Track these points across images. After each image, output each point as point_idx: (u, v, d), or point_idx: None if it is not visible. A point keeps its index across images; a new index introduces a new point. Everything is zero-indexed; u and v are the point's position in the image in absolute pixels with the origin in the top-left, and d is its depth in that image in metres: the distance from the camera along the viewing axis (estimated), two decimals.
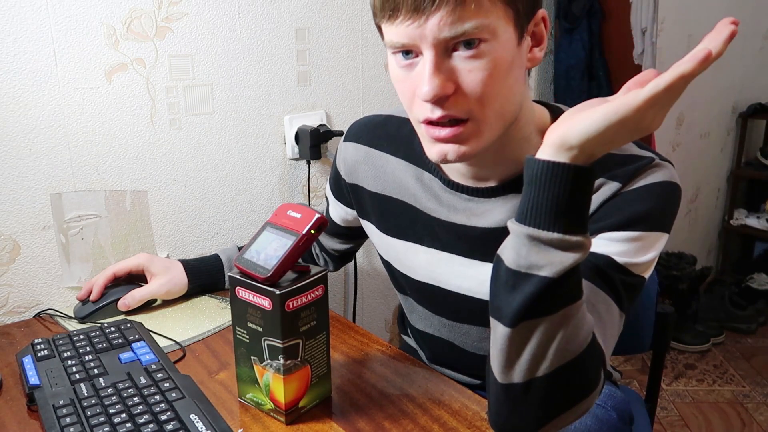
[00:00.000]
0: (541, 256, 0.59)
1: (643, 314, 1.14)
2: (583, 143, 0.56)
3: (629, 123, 0.54)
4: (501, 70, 0.68)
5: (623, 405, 0.84)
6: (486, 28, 0.65)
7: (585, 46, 1.92)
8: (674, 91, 0.52)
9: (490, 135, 0.72)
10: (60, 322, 1.06)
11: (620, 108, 0.54)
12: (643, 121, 0.55)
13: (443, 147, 0.72)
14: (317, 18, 1.34)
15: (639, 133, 0.56)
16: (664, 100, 0.53)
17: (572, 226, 0.58)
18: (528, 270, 0.59)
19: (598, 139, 0.56)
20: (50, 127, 1.07)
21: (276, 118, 1.33)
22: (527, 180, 0.60)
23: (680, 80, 0.51)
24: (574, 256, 0.59)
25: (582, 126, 0.56)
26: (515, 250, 0.60)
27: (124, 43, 1.11)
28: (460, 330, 0.92)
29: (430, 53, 0.66)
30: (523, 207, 0.60)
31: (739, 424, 2.00)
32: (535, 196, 0.59)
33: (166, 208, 1.23)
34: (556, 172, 0.57)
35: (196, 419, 0.73)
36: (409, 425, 0.77)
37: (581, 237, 0.59)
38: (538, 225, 0.59)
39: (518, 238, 0.60)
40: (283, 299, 0.72)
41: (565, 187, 0.57)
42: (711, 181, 2.85)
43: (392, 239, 0.92)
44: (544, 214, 0.58)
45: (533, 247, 0.59)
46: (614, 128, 0.55)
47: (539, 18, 0.72)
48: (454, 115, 0.69)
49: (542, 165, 0.58)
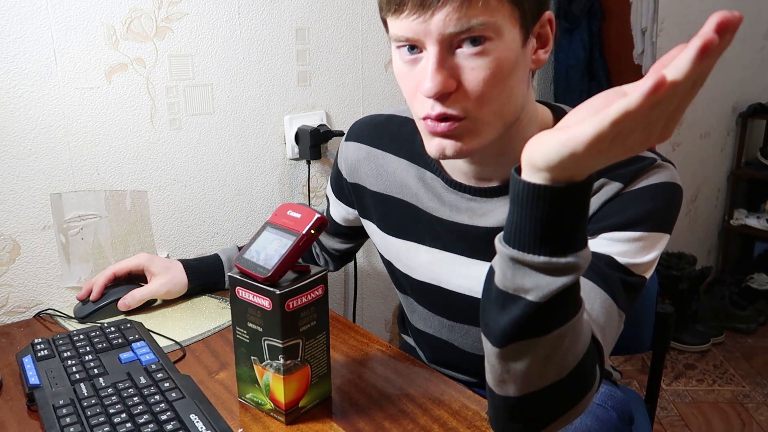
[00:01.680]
0: (526, 280, 0.55)
1: (643, 314, 1.14)
2: (549, 168, 0.51)
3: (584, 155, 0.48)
4: (504, 70, 0.68)
5: (623, 405, 0.84)
6: (491, 26, 0.65)
7: (585, 46, 1.92)
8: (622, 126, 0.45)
9: (489, 134, 0.72)
10: (60, 322, 1.06)
11: (569, 141, 0.48)
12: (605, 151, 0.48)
13: (441, 142, 0.71)
14: (317, 18, 1.34)
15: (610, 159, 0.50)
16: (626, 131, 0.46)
17: (559, 247, 0.54)
18: (515, 292, 0.56)
19: (561, 167, 0.50)
20: (50, 127, 1.07)
21: (276, 118, 1.33)
22: (510, 197, 0.55)
23: (625, 117, 0.44)
24: (563, 280, 0.54)
25: (543, 150, 0.50)
26: (501, 271, 0.57)
27: (124, 43, 1.11)
28: (460, 330, 0.92)
29: (434, 49, 0.66)
30: (507, 226, 0.56)
31: (739, 424, 2.00)
32: (517, 217, 0.54)
33: (166, 208, 1.23)
34: (534, 194, 0.52)
35: (196, 419, 0.73)
36: (409, 425, 0.77)
37: (572, 258, 0.54)
38: (522, 248, 0.54)
39: (503, 259, 0.57)
40: (283, 299, 0.71)
41: (545, 209, 0.52)
42: (711, 181, 2.85)
43: (393, 239, 0.92)
44: (528, 237, 0.54)
45: (518, 270, 0.55)
46: (569, 159, 0.49)
47: (545, 19, 0.72)
48: (451, 113, 0.69)
49: (521, 185, 0.53)
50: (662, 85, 0.42)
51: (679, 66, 0.42)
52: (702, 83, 0.45)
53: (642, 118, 0.44)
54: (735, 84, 2.77)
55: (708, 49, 0.40)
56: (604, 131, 0.45)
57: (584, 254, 0.55)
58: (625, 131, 0.46)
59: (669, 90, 0.42)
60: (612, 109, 0.44)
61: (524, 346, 0.58)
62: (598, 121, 0.45)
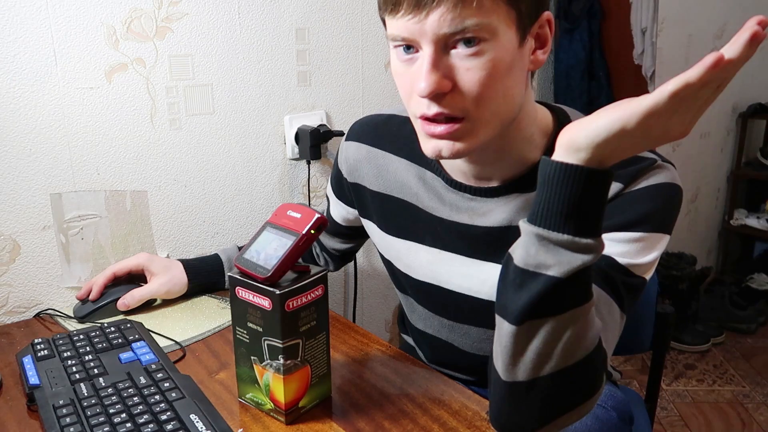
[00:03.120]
0: (549, 256, 0.59)
1: (643, 314, 1.14)
2: (591, 147, 0.56)
3: (633, 131, 0.53)
4: (499, 70, 0.68)
5: (623, 405, 0.84)
6: (486, 27, 0.65)
7: (585, 46, 1.92)
8: (684, 100, 0.50)
9: (486, 134, 0.72)
10: (60, 322, 1.06)
11: (622, 115, 0.53)
12: (650, 129, 0.53)
13: (438, 143, 0.72)
14: (317, 18, 1.34)
15: (651, 141, 0.55)
16: (674, 108, 0.51)
17: (583, 228, 0.58)
18: (536, 269, 0.59)
19: (605, 145, 0.55)
20: (50, 127, 1.07)
21: (276, 118, 1.33)
22: (540, 180, 0.60)
23: (685, 88, 0.49)
24: (584, 258, 0.58)
25: (588, 129, 0.56)
26: (525, 249, 0.60)
27: (124, 43, 1.11)
28: (460, 330, 0.92)
29: (429, 49, 0.66)
30: (534, 207, 0.60)
31: (739, 424, 2.00)
32: (546, 198, 0.59)
33: (166, 208, 1.23)
34: (567, 174, 0.57)
35: (196, 419, 0.73)
36: (409, 425, 0.77)
37: (592, 240, 0.58)
38: (549, 226, 0.58)
39: (528, 237, 0.60)
40: (283, 299, 0.71)
41: (575, 189, 0.57)
42: (711, 181, 2.85)
43: (393, 238, 0.92)
44: (555, 215, 0.58)
45: (542, 246, 0.59)
46: (617, 135, 0.54)
47: (544, 20, 0.72)
48: (449, 113, 0.69)
49: (554, 166, 0.58)
50: (721, 61, 0.48)
51: (734, 48, 0.48)
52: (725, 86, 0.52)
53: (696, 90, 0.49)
54: (735, 84, 2.77)
55: (757, 36, 0.48)
56: (661, 103, 0.50)
57: (601, 241, 0.60)
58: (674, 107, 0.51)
59: (726, 66, 0.48)
60: (671, 83, 0.49)
61: (539, 324, 0.60)
62: (658, 93, 0.50)
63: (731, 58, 0.48)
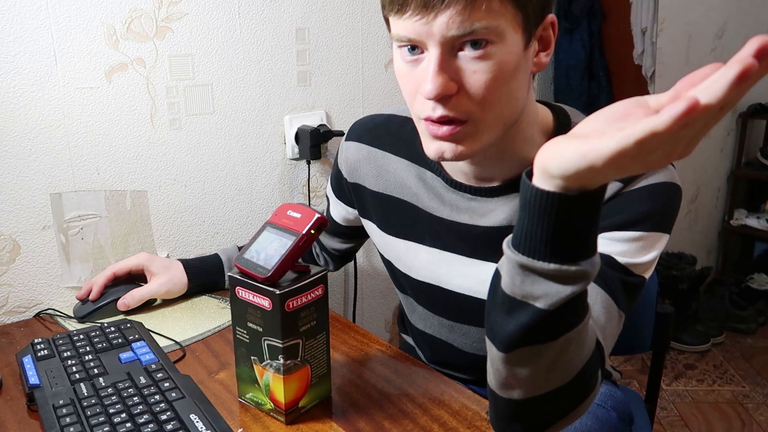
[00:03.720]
0: (536, 287, 0.54)
1: (643, 314, 1.14)
2: (564, 177, 0.49)
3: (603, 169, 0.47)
4: (505, 73, 0.68)
5: (623, 405, 0.84)
6: (494, 30, 0.65)
7: (585, 46, 1.92)
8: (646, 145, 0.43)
9: (489, 137, 0.72)
10: (60, 321, 1.06)
11: (589, 153, 0.47)
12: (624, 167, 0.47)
13: (441, 145, 0.71)
14: (317, 18, 1.34)
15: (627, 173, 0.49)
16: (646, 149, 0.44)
17: (570, 254, 0.53)
18: (522, 299, 0.55)
19: (579, 177, 0.49)
20: (50, 127, 1.07)
21: (276, 118, 1.33)
22: (521, 203, 0.54)
23: (651, 138, 0.42)
24: (573, 288, 0.54)
25: (559, 159, 0.49)
26: (510, 277, 0.56)
27: (124, 43, 1.11)
28: (460, 330, 0.92)
29: (436, 51, 0.66)
30: (517, 232, 0.55)
31: (739, 424, 2.00)
32: (528, 223, 0.53)
33: (166, 208, 1.23)
34: (547, 201, 0.51)
35: (196, 419, 0.73)
36: (409, 425, 0.77)
37: (582, 266, 0.53)
38: (533, 255, 0.53)
39: (512, 265, 0.55)
40: (283, 299, 0.72)
41: (557, 217, 0.51)
42: (711, 181, 2.85)
43: (393, 238, 0.92)
44: (538, 244, 0.53)
45: (527, 277, 0.54)
46: (585, 171, 0.47)
47: (548, 22, 0.71)
48: (454, 116, 0.68)
49: (533, 191, 0.52)
50: (695, 108, 0.40)
51: (714, 90, 0.40)
52: (732, 106, 0.43)
53: (667, 138, 0.42)
54: None
55: (747, 74, 0.39)
56: (627, 148, 0.44)
57: (594, 261, 0.55)
58: (648, 149, 0.44)
59: (701, 113, 0.40)
60: (638, 128, 0.43)
61: (530, 352, 0.58)
62: (622, 138, 0.44)
63: (709, 103, 0.40)
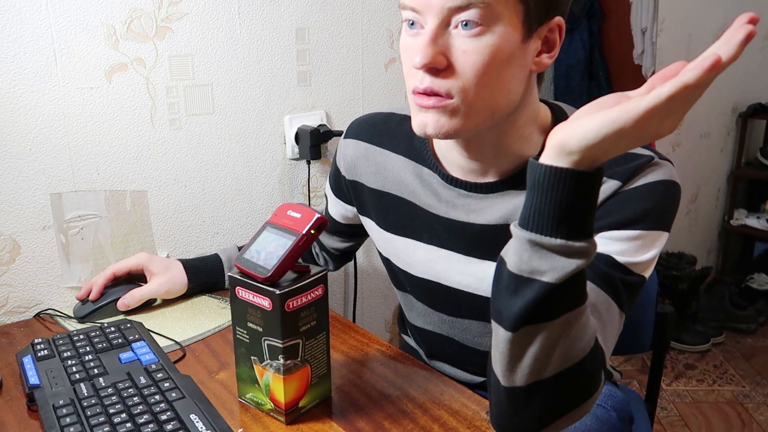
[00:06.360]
0: (543, 262, 0.58)
1: (643, 314, 1.14)
2: (583, 149, 0.54)
3: (630, 132, 0.52)
4: (497, 60, 0.69)
5: (623, 405, 0.84)
6: (491, 12, 0.66)
7: (585, 46, 1.92)
8: (679, 100, 0.50)
9: (474, 121, 0.72)
10: (60, 322, 1.06)
11: (619, 117, 0.52)
12: (646, 129, 0.52)
13: (425, 117, 0.72)
14: (317, 18, 1.34)
15: (644, 140, 0.55)
16: (669, 108, 0.50)
17: (576, 231, 0.57)
18: (530, 275, 0.58)
19: (598, 146, 0.54)
20: (50, 127, 1.07)
21: (276, 118, 1.33)
22: (530, 184, 0.58)
23: (683, 90, 0.49)
24: (577, 262, 0.57)
25: (581, 132, 0.54)
26: (517, 255, 0.59)
27: (124, 43, 1.11)
28: (461, 326, 0.92)
29: (432, 23, 0.68)
30: (525, 212, 0.59)
31: (739, 424, 2.00)
32: (537, 202, 0.57)
33: (166, 208, 1.23)
34: (558, 177, 0.55)
35: (196, 419, 0.73)
36: (409, 425, 0.77)
37: (585, 242, 0.57)
38: (541, 231, 0.57)
39: (520, 242, 0.59)
40: (283, 299, 0.72)
41: (567, 193, 0.56)
42: (711, 181, 2.85)
43: (392, 236, 0.92)
44: (547, 220, 0.57)
45: (535, 252, 0.58)
46: (613, 136, 0.53)
47: (554, 24, 0.72)
48: (439, 91, 0.70)
49: (544, 170, 0.56)
50: (719, 62, 0.47)
51: (729, 46, 0.48)
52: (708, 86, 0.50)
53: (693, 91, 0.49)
54: (735, 84, 2.77)
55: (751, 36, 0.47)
56: (660, 104, 0.50)
57: (593, 242, 0.59)
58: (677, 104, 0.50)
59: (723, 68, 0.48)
60: (668, 85, 0.49)
61: (535, 330, 0.59)
62: (655, 96, 0.50)
63: (728, 58, 0.48)
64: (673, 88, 0.49)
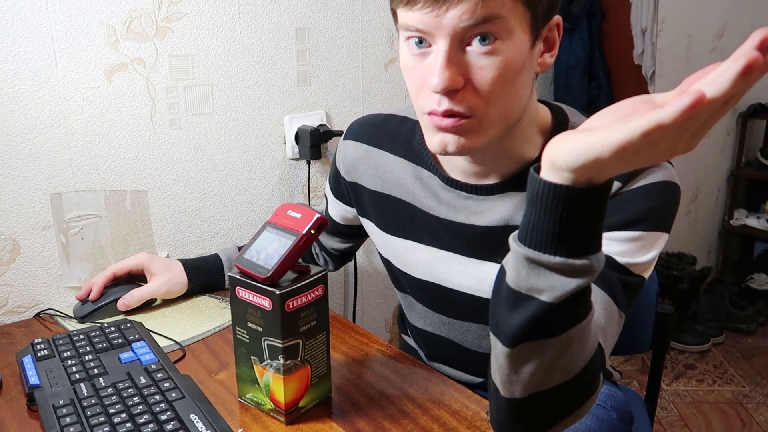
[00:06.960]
0: (541, 280, 0.55)
1: (643, 314, 1.14)
2: (571, 169, 0.50)
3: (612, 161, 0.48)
4: (512, 71, 0.68)
5: (623, 405, 0.84)
6: (504, 26, 0.65)
7: (585, 46, 1.92)
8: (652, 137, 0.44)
9: (492, 133, 0.72)
10: (60, 322, 1.06)
11: (595, 145, 0.47)
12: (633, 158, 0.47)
13: (444, 137, 0.71)
14: (317, 18, 1.34)
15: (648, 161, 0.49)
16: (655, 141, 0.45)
17: (577, 249, 0.54)
18: (528, 292, 0.56)
19: (585, 169, 0.50)
20: (50, 127, 1.07)
21: (276, 118, 1.33)
22: (528, 197, 0.55)
23: (657, 129, 0.43)
24: (578, 282, 0.54)
25: (566, 152, 0.50)
26: (515, 270, 0.56)
27: (124, 43, 1.11)
28: (461, 327, 0.92)
29: (445, 44, 0.66)
30: (523, 226, 0.56)
31: (739, 424, 2.00)
32: (535, 217, 0.54)
33: (166, 208, 1.23)
34: (555, 194, 0.52)
35: (196, 419, 0.73)
36: (409, 425, 0.77)
37: (587, 260, 0.54)
38: (539, 248, 0.54)
39: (518, 258, 0.56)
40: (283, 299, 0.72)
41: (564, 210, 0.52)
42: (711, 181, 2.85)
43: (392, 237, 0.92)
44: (545, 237, 0.53)
45: (533, 270, 0.55)
46: (595, 163, 0.48)
47: (554, 23, 0.72)
48: (459, 110, 0.69)
49: (542, 185, 0.53)
50: (701, 102, 0.41)
51: (719, 83, 0.41)
52: (738, 100, 0.44)
53: (673, 130, 0.44)
54: None
55: (752, 67, 0.40)
56: (634, 140, 0.45)
57: (599, 257, 0.55)
58: (653, 142, 0.45)
59: (706, 107, 0.42)
60: (644, 120, 0.44)
61: (534, 347, 0.58)
62: (629, 129, 0.45)
63: (714, 97, 0.41)
64: (647, 125, 0.44)
